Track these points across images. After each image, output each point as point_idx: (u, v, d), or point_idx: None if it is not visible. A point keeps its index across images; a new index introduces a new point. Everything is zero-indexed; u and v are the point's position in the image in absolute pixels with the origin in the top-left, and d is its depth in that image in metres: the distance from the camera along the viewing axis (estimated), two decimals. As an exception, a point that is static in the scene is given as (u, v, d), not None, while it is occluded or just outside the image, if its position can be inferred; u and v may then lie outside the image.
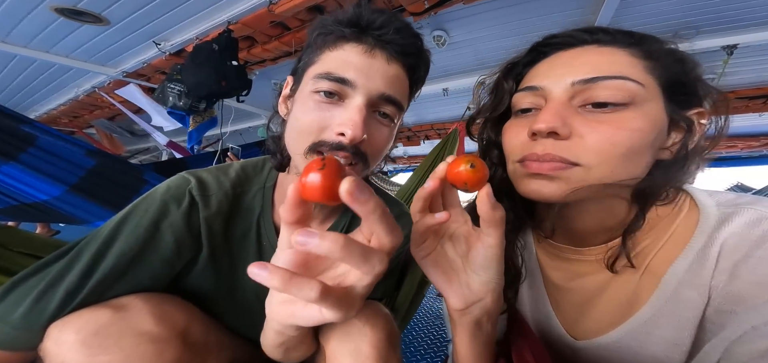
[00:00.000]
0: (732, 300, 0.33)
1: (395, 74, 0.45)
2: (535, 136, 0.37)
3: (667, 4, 1.33)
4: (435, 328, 1.75)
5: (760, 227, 0.34)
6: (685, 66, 0.37)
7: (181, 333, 0.41)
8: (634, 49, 0.37)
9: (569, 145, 0.36)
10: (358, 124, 0.41)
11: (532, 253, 0.51)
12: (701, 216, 0.38)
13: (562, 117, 0.36)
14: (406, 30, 0.45)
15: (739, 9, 1.34)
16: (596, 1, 1.33)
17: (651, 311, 0.38)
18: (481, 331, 0.38)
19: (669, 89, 0.36)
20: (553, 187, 0.36)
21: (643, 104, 0.35)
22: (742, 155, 3.65)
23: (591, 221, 0.41)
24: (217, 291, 0.50)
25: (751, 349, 0.30)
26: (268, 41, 1.67)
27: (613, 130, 0.34)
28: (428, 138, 3.32)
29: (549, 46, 0.42)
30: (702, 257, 0.36)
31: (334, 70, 0.42)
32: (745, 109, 2.18)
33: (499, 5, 1.38)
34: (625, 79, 0.35)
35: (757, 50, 1.59)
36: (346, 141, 0.41)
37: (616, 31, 0.39)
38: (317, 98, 0.43)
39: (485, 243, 0.34)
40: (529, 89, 0.40)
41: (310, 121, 0.43)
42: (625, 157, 0.35)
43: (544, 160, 0.36)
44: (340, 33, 0.44)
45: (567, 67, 0.38)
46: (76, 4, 1.47)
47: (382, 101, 0.44)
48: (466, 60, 1.88)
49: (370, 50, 0.43)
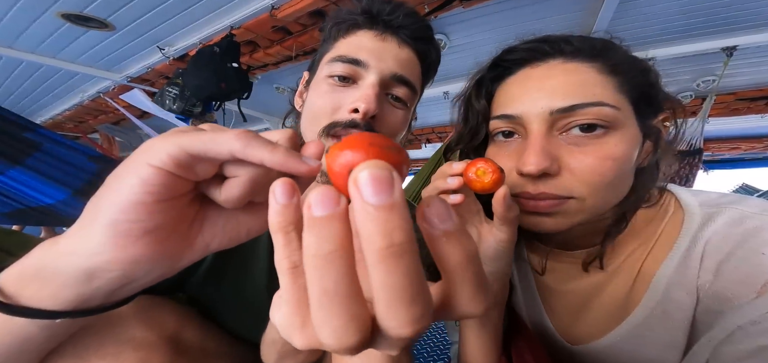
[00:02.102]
0: (718, 299, 0.34)
1: (407, 57, 0.46)
2: (524, 175, 0.37)
3: (665, 6, 1.33)
4: (436, 331, 1.74)
5: (743, 226, 0.34)
6: (649, 76, 0.38)
7: (171, 338, 0.39)
8: (600, 64, 0.37)
9: (560, 180, 0.36)
10: (371, 97, 0.42)
11: (524, 258, 0.51)
12: (686, 217, 0.38)
13: (549, 154, 0.35)
14: (415, 16, 0.47)
15: (738, 10, 1.34)
16: (595, 4, 1.34)
17: (643, 314, 0.39)
18: (489, 320, 0.39)
19: (638, 104, 0.37)
20: (553, 222, 0.37)
21: (621, 128, 0.36)
22: (746, 157, 3.63)
23: (580, 230, 0.42)
24: (222, 292, 0.49)
25: (738, 349, 0.30)
26: (270, 46, 1.69)
27: (598, 162, 0.35)
28: (430, 141, 3.32)
29: (511, 62, 0.42)
30: (687, 258, 0.36)
31: (347, 53, 0.44)
32: (747, 110, 2.18)
33: (497, 9, 1.39)
34: (603, 105, 0.35)
35: (757, 52, 1.59)
36: (359, 117, 0.42)
37: (577, 40, 0.39)
38: (331, 82, 0.44)
39: (497, 237, 0.35)
40: (506, 117, 0.40)
41: (323, 103, 0.44)
42: (613, 185, 0.36)
43: (539, 199, 0.36)
44: (353, 21, 0.46)
45: (539, 91, 0.37)
46: (83, 10, 1.50)
47: (394, 82, 0.45)
48: (467, 63, 1.87)
49: (382, 34, 0.45)
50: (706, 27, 1.44)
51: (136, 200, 0.19)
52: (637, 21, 1.42)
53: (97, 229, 0.20)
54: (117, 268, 0.21)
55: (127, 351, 0.34)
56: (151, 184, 0.19)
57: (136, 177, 0.19)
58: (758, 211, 0.34)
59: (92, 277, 0.21)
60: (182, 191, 0.21)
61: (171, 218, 0.21)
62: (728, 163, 3.81)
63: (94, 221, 0.20)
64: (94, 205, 0.20)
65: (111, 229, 0.20)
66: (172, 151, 0.19)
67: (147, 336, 0.37)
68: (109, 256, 0.20)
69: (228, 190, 0.22)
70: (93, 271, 0.20)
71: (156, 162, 0.19)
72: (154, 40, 1.77)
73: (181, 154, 0.19)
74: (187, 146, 0.19)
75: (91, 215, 0.20)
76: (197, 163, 0.20)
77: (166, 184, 0.20)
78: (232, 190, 0.22)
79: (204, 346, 0.45)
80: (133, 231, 0.20)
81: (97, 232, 0.20)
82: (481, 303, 0.15)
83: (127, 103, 2.22)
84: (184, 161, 0.20)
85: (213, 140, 0.19)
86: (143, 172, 0.19)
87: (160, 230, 0.21)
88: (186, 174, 0.20)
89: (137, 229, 0.20)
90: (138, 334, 0.36)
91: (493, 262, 0.36)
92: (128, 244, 0.20)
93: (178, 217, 0.22)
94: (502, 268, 0.37)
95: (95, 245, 0.20)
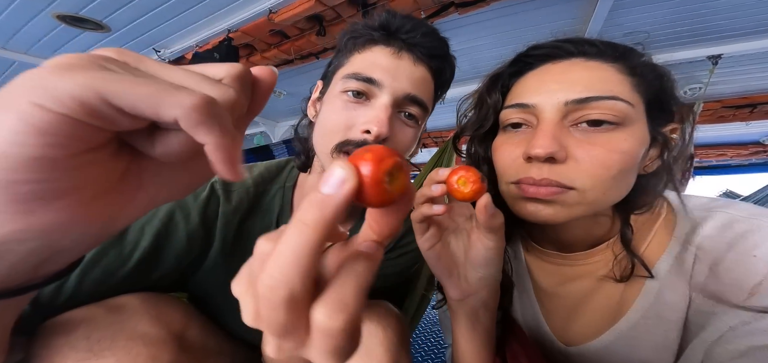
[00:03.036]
0: (710, 301, 0.34)
1: (421, 76, 0.46)
2: (531, 159, 0.37)
3: (653, 15, 1.38)
4: (433, 334, 1.74)
5: (732, 230, 0.35)
6: (665, 82, 0.39)
7: (178, 335, 0.40)
8: (620, 65, 0.37)
9: (565, 169, 0.36)
10: (384, 121, 0.42)
11: (521, 261, 0.51)
12: (677, 220, 0.39)
13: (559, 140, 0.35)
14: (433, 34, 0.47)
15: (722, 20, 1.40)
16: (586, 12, 1.38)
17: (637, 316, 0.39)
18: (479, 322, 0.39)
19: (651, 106, 0.37)
20: (551, 211, 0.37)
21: (632, 125, 0.36)
22: (731, 163, 3.73)
23: (579, 232, 0.42)
24: (225, 291, 0.49)
25: (730, 350, 0.31)
26: (268, 49, 1.70)
27: (605, 153, 0.35)
28: (426, 146, 3.35)
29: (534, 57, 0.42)
30: (680, 260, 0.37)
31: (362, 71, 0.44)
32: (733, 118, 2.24)
33: (492, 15, 1.42)
34: (617, 100, 0.35)
35: (741, 60, 1.65)
36: (370, 138, 0.42)
37: (601, 43, 0.39)
38: (345, 98, 0.44)
39: (485, 244, 0.35)
40: (520, 106, 0.40)
41: (337, 120, 0.44)
42: (616, 180, 0.36)
43: (541, 185, 0.36)
44: (370, 36, 0.46)
45: (558, 83, 0.38)
46: (78, 12, 1.49)
47: (407, 102, 0.45)
48: (463, 68, 1.90)
49: (398, 52, 0.45)
50: (693, 36, 1.50)
51: (31, 155, 0.14)
52: (626, 29, 1.46)
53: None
54: (31, 238, 0.16)
55: (139, 346, 0.35)
56: (47, 133, 0.14)
57: (21, 121, 0.13)
58: (746, 215, 0.35)
59: (2, 253, 0.16)
60: (100, 142, 0.16)
61: (91, 174, 0.16)
62: (716, 170, 3.91)
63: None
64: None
65: (6, 193, 0.14)
66: (82, 93, 0.14)
67: (157, 332, 0.37)
68: (13, 225, 0.15)
69: (165, 146, 0.17)
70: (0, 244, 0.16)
71: (51, 104, 0.13)
72: (150, 42, 1.77)
73: (96, 101, 0.14)
74: (109, 94, 0.14)
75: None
76: (119, 114, 0.15)
77: (72, 135, 0.14)
78: (170, 146, 0.17)
79: (206, 344, 0.45)
80: (39, 193, 0.15)
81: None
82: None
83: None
84: (98, 109, 0.14)
85: (153, 99, 0.14)
86: (31, 115, 0.13)
87: (79, 191, 0.16)
88: (102, 124, 0.15)
89: (46, 191, 0.15)
90: (149, 330, 0.37)
91: (482, 268, 0.36)
92: (37, 209, 0.15)
93: (101, 172, 0.17)
94: (492, 274, 0.37)
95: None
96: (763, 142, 3.01)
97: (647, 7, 1.34)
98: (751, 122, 2.30)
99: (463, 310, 0.38)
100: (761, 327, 0.30)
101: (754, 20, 1.38)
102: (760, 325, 0.30)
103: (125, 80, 0.14)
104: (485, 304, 0.38)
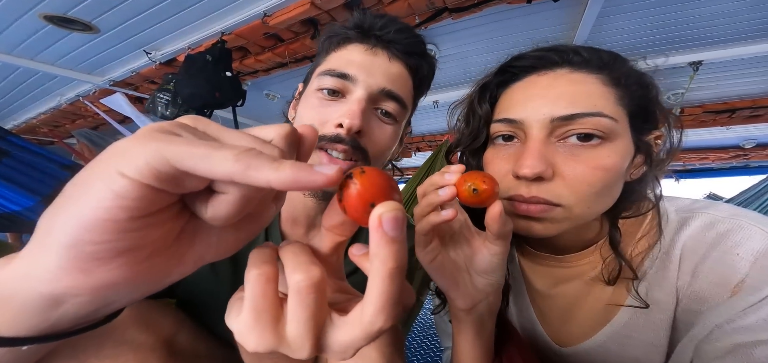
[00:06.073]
0: (696, 300, 0.35)
1: (398, 73, 0.46)
2: (520, 178, 0.38)
3: (638, 22, 1.44)
4: (428, 337, 1.73)
5: (714, 230, 0.36)
6: (649, 91, 0.40)
7: (167, 341, 0.39)
8: (605, 76, 0.38)
9: (553, 186, 0.36)
10: (356, 113, 0.41)
11: (515, 264, 0.52)
12: (662, 221, 0.40)
13: (545, 159, 0.36)
14: (408, 31, 0.47)
15: (704, 27, 1.46)
16: (575, 19, 1.43)
17: (627, 315, 0.40)
18: (484, 329, 0.39)
19: (634, 117, 0.38)
20: (541, 227, 0.38)
21: (616, 139, 0.36)
22: (713, 167, 3.86)
23: (569, 237, 0.43)
24: (216, 297, 0.48)
25: (718, 347, 0.32)
26: (262, 52, 1.69)
27: (589, 171, 0.36)
28: (420, 150, 3.37)
29: (519, 68, 0.42)
30: (666, 260, 0.38)
31: (336, 67, 0.44)
32: (713, 122, 2.33)
33: (485, 21, 1.45)
34: (601, 116, 0.36)
35: (721, 67, 1.72)
36: (343, 132, 0.42)
37: (586, 51, 0.40)
38: (320, 96, 0.44)
39: (491, 250, 0.34)
40: (507, 121, 0.40)
41: (311, 117, 0.44)
42: (600, 195, 0.37)
43: (531, 202, 0.37)
44: (345, 35, 0.46)
45: (543, 98, 0.38)
46: (66, 12, 1.45)
47: (383, 97, 0.45)
48: (456, 73, 1.94)
49: (372, 49, 0.45)
50: (675, 42, 1.56)
51: (105, 217, 0.15)
52: (613, 35, 1.52)
53: (53, 250, 0.16)
54: (85, 293, 0.17)
55: (126, 353, 0.34)
56: (125, 198, 0.15)
57: (107, 188, 0.15)
58: (727, 216, 0.37)
59: (57, 303, 0.17)
60: (164, 205, 0.17)
61: (152, 236, 0.17)
62: (699, 173, 4.04)
63: (50, 240, 0.16)
64: (49, 220, 0.16)
65: (71, 252, 0.15)
66: (154, 161, 0.15)
67: (145, 339, 0.36)
68: (71, 282, 0.16)
69: (215, 209, 0.18)
70: (56, 296, 0.16)
71: (132, 173, 0.15)
72: (141, 44, 1.73)
73: (165, 167, 0.15)
74: (173, 158, 0.15)
75: (45, 231, 0.16)
76: (185, 177, 0.16)
77: (144, 199, 0.15)
78: (220, 210, 0.18)
79: (196, 349, 0.44)
80: (100, 253, 0.16)
81: (54, 254, 0.16)
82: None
83: (108, 108, 2.15)
84: (168, 175, 0.15)
85: (207, 158, 0.15)
86: (116, 184, 0.15)
87: (137, 250, 0.17)
88: (171, 188, 0.16)
89: (107, 251, 0.16)
90: (136, 337, 0.36)
91: (487, 275, 0.36)
92: (95, 269, 0.16)
93: (161, 234, 0.18)
94: (497, 280, 0.36)
95: (53, 270, 0.16)
96: (743, 146, 3.13)
97: (632, 15, 1.40)
98: (731, 127, 2.39)
99: (470, 318, 0.38)
100: (745, 324, 0.31)
101: (732, 28, 1.45)
102: (744, 322, 0.31)
103: (185, 142, 0.16)
104: (490, 307, 0.38)
